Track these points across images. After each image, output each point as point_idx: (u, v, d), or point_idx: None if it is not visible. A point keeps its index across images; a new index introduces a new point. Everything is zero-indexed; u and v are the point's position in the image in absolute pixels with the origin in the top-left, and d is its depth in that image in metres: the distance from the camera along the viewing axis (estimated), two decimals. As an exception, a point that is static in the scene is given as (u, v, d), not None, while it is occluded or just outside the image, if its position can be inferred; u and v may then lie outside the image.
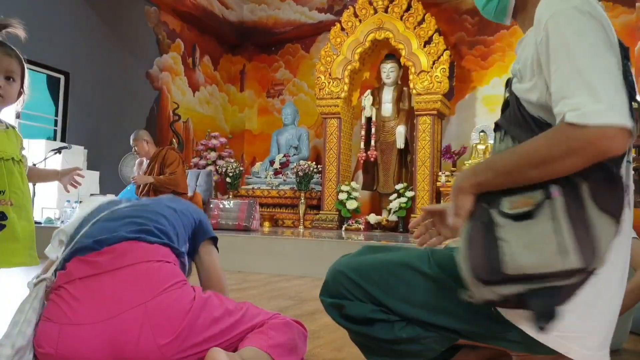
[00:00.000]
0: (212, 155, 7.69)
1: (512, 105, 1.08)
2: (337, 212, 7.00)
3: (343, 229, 6.80)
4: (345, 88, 7.06)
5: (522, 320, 1.02)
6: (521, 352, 1.13)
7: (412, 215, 6.63)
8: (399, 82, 7.15)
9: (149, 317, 1.17)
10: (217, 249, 1.70)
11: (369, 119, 7.08)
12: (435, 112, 6.60)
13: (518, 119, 1.05)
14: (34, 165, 1.69)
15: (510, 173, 0.97)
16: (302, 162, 7.22)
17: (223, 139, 7.93)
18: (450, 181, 6.38)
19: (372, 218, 6.80)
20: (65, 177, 1.92)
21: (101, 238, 1.30)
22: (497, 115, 1.28)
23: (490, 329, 1.07)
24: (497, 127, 1.13)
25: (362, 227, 6.73)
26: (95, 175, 6.29)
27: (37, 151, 5.51)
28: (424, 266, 1.13)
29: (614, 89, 0.90)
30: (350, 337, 1.22)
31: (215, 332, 1.26)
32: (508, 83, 1.16)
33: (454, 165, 6.71)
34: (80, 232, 1.34)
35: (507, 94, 1.14)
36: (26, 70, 1.66)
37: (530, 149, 0.95)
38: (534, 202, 0.94)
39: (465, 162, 6.63)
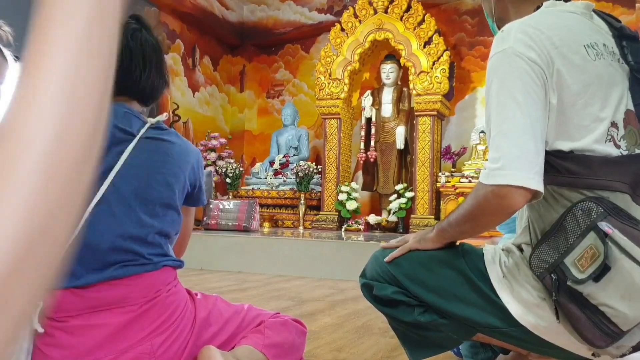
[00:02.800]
0: (212, 155, 7.69)
1: None
2: (337, 213, 7.00)
3: (343, 229, 6.80)
4: (345, 89, 7.05)
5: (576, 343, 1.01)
6: (529, 351, 1.17)
7: (412, 215, 6.63)
8: (399, 83, 7.15)
9: (154, 351, 1.17)
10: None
11: (368, 120, 7.08)
12: (435, 112, 6.60)
13: None
14: None
15: (456, 225, 1.11)
16: (302, 162, 7.21)
17: (223, 140, 7.93)
18: (449, 182, 6.38)
19: (372, 219, 6.79)
20: None
21: (89, 278, 1.15)
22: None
23: (505, 323, 1.09)
24: None
25: (362, 227, 6.73)
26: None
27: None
28: (451, 256, 1.19)
29: (515, 144, 0.95)
30: (389, 325, 1.34)
31: (217, 344, 1.26)
32: None
33: (454, 165, 6.71)
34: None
35: None
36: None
37: (463, 205, 1.09)
38: (598, 252, 0.91)
39: (465, 162, 6.63)
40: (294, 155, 7.87)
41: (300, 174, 7.00)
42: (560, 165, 0.99)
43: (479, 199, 1.01)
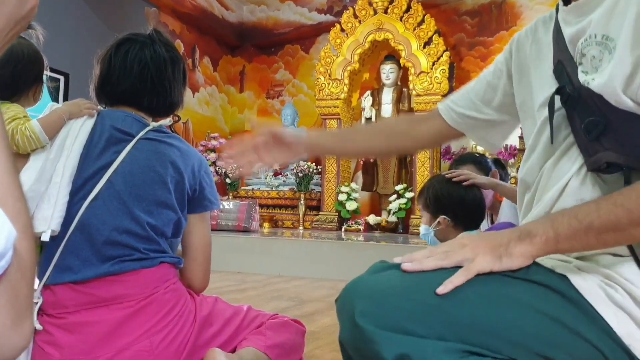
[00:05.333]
0: (212, 156, 7.69)
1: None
2: (337, 213, 6.99)
3: (343, 230, 6.80)
4: (345, 89, 7.06)
5: None
6: None
7: (411, 216, 6.62)
8: (399, 83, 7.15)
9: (153, 349, 1.17)
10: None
11: (368, 120, 7.07)
12: (434, 113, 6.59)
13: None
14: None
15: (612, 230, 0.70)
16: (301, 163, 7.21)
17: (223, 140, 7.92)
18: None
19: (372, 219, 6.79)
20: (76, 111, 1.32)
21: (85, 273, 1.16)
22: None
23: None
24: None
25: (361, 228, 6.73)
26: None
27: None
28: (524, 289, 0.73)
29: None
30: None
31: (217, 345, 1.26)
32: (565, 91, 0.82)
33: (454, 166, 6.70)
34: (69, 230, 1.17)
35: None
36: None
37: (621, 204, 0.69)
38: None
39: (465, 163, 6.62)
40: (294, 155, 7.87)
41: (300, 175, 7.00)
42: None
43: None
